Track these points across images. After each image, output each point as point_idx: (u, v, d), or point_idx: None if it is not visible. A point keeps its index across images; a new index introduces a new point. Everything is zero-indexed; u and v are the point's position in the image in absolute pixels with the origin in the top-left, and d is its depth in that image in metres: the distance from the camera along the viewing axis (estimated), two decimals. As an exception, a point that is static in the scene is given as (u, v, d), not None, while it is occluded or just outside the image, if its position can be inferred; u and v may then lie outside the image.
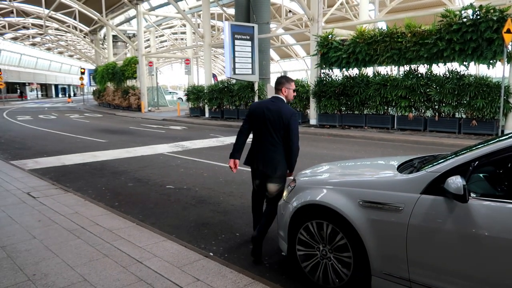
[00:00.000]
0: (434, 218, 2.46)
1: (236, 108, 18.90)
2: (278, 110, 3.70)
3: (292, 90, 3.91)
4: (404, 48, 12.21)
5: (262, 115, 3.74)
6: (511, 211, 2.27)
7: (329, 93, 14.33)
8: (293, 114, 3.71)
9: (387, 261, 2.67)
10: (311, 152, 9.65)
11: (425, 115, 12.64)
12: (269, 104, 3.77)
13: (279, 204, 3.50)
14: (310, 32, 15.46)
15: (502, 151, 2.40)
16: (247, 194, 5.84)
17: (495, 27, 10.35)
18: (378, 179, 2.92)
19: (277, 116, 3.67)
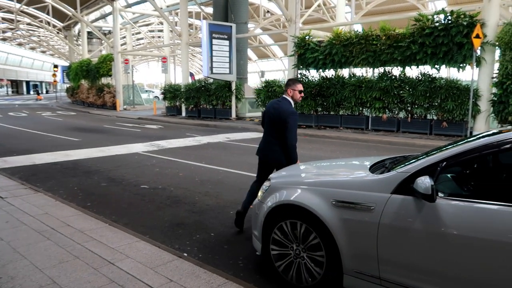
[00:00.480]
0: (404, 217, 2.53)
1: (213, 107, 18.82)
2: (279, 108, 4.13)
3: (298, 91, 4.25)
4: (379, 51, 12.46)
5: (268, 113, 4.25)
6: (477, 210, 2.36)
7: (306, 94, 14.45)
8: (291, 114, 4.07)
9: (359, 260, 2.72)
10: (287, 152, 9.71)
11: (398, 116, 12.94)
12: (275, 103, 4.27)
13: (254, 204, 3.51)
14: (287, 32, 15.56)
15: (468, 152, 2.49)
16: (223, 194, 5.84)
17: (465, 32, 10.70)
18: (351, 179, 2.97)
19: (278, 114, 4.11)
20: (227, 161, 8.50)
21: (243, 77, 19.33)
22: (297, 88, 4.24)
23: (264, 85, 16.24)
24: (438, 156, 2.57)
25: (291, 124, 4.03)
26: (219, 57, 17.06)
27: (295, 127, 4.09)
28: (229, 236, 4.20)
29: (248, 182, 6.49)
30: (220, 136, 12.88)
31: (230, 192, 5.93)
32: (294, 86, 4.23)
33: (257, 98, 16.58)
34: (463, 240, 2.32)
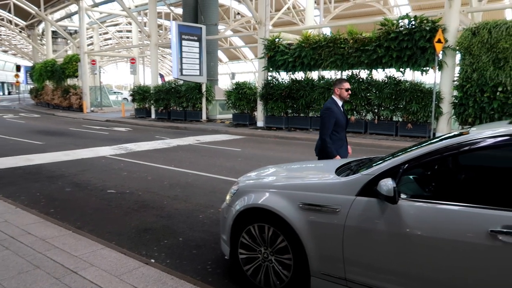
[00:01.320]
0: (368, 219, 2.58)
1: (184, 109, 18.64)
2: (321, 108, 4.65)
3: (345, 89, 4.52)
4: (347, 54, 12.72)
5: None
6: (437, 211, 2.43)
7: (276, 96, 14.57)
8: (324, 110, 4.50)
9: (325, 262, 2.75)
10: (257, 154, 9.74)
11: (366, 118, 13.24)
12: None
13: (222, 208, 3.49)
14: (257, 35, 15.62)
15: (429, 155, 2.56)
16: (192, 197, 5.78)
17: (428, 37, 11.09)
18: (317, 182, 3.00)
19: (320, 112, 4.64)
20: (197, 163, 8.43)
21: (213, 79, 19.25)
22: (343, 86, 4.51)
23: (234, 87, 16.23)
24: (400, 158, 2.64)
25: (323, 119, 4.45)
26: (189, 59, 16.91)
27: (327, 122, 4.42)
28: (198, 241, 4.16)
29: (218, 185, 6.50)
30: (190, 139, 12.76)
31: (199, 196, 5.87)
32: (341, 85, 4.51)
33: (228, 100, 16.55)
34: (425, 240, 2.39)
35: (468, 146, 2.50)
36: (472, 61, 10.42)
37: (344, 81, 4.61)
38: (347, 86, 4.56)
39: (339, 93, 4.51)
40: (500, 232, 2.12)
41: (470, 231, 2.24)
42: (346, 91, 4.53)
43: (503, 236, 2.11)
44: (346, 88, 4.53)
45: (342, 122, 4.53)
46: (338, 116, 4.45)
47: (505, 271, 2.14)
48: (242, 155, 9.64)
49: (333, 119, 4.41)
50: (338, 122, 4.45)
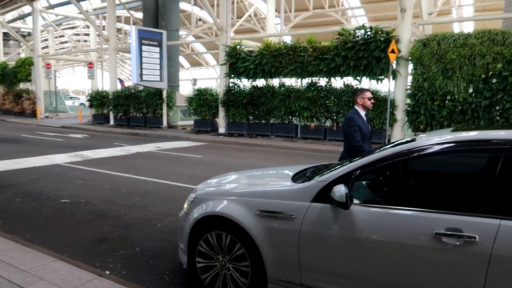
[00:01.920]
0: (322, 225, 2.65)
1: (144, 115, 18.27)
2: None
3: (367, 98, 4.52)
4: (306, 62, 13.00)
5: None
6: (387, 215, 2.54)
7: (238, 103, 14.62)
8: (345, 120, 4.55)
9: (282, 268, 2.79)
10: (219, 161, 9.72)
11: (325, 125, 13.57)
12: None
13: (180, 216, 3.46)
14: (219, 41, 15.64)
15: (380, 161, 2.67)
16: (151, 205, 5.68)
17: (382, 47, 11.57)
18: (273, 189, 3.05)
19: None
20: (157, 171, 8.29)
21: (174, 85, 19.03)
22: (366, 95, 4.50)
23: (196, 93, 16.13)
24: (352, 165, 2.73)
25: (345, 131, 4.48)
26: (149, 64, 16.63)
27: (351, 130, 4.40)
28: (155, 250, 4.09)
29: (178, 192, 6.42)
30: (150, 145, 12.52)
31: (158, 204, 5.77)
32: (363, 95, 4.51)
33: (189, 106, 16.41)
34: (377, 244, 2.48)
35: (416, 153, 2.63)
36: (423, 71, 10.97)
37: (366, 90, 4.59)
38: (370, 95, 4.53)
39: (362, 102, 4.49)
40: (444, 235, 2.24)
41: (417, 234, 2.35)
42: (368, 100, 4.51)
43: (446, 238, 2.24)
44: (368, 97, 4.50)
45: (365, 132, 4.46)
46: (360, 125, 4.40)
47: (449, 272, 2.26)
48: (203, 162, 9.58)
49: (356, 127, 4.36)
50: (361, 132, 4.40)
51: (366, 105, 4.53)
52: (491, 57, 9.93)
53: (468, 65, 10.28)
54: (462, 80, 10.40)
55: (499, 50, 9.81)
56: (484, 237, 2.14)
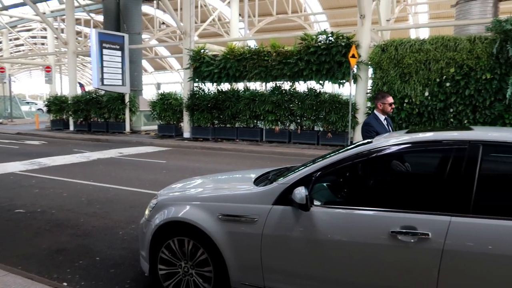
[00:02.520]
0: (284, 227, 2.67)
1: (105, 121, 17.77)
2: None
3: (388, 104, 4.39)
4: (270, 66, 13.13)
5: None
6: (346, 216, 2.60)
7: (202, 107, 14.52)
8: (362, 126, 4.48)
9: (245, 272, 2.79)
10: (183, 166, 9.60)
11: (290, 128, 13.73)
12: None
13: (141, 223, 3.38)
14: (183, 45, 15.50)
15: (338, 162, 2.73)
16: (112, 213, 5.52)
17: (343, 52, 11.87)
18: (235, 193, 3.05)
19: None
20: (119, 177, 8.07)
21: (137, 89, 18.66)
22: (386, 101, 4.38)
23: (159, 98, 15.87)
24: (313, 167, 2.78)
25: (362, 135, 4.38)
26: (110, 68, 16.22)
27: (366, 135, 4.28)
28: (116, 259, 3.97)
29: (140, 199, 6.28)
30: (112, 151, 12.18)
31: (120, 211, 5.62)
32: (384, 100, 4.39)
33: (153, 111, 16.12)
34: (337, 244, 2.54)
35: (375, 154, 2.71)
36: (382, 75, 11.35)
37: (387, 95, 4.45)
38: (391, 101, 4.39)
39: (382, 107, 4.39)
40: (399, 233, 2.32)
41: (375, 233, 2.42)
42: (389, 105, 4.39)
43: (402, 236, 2.32)
44: (389, 102, 4.38)
45: None
46: (378, 131, 4.29)
47: (405, 268, 2.34)
48: (167, 167, 9.43)
49: (372, 133, 4.24)
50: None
51: (386, 111, 4.43)
52: (444, 62, 10.42)
53: (424, 69, 10.73)
54: (418, 84, 10.84)
55: (451, 55, 10.31)
56: (437, 233, 2.24)
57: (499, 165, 2.75)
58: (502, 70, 9.78)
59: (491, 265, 2.14)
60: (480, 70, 10.01)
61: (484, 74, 9.95)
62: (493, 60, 9.87)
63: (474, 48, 10.06)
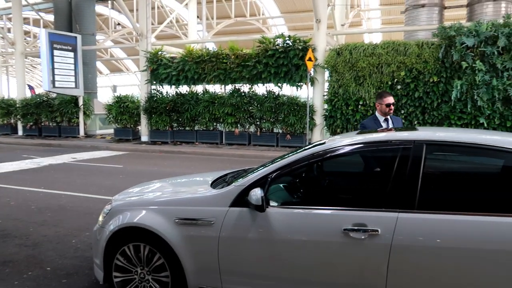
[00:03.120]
0: (241, 229, 2.69)
1: (58, 125, 17.04)
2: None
3: (385, 104, 4.21)
4: (229, 69, 13.15)
5: None
6: (301, 215, 2.66)
7: (160, 110, 14.28)
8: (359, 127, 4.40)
9: (202, 275, 2.78)
10: (141, 170, 9.39)
11: (249, 130, 13.81)
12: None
13: (94, 230, 3.28)
14: (139, 47, 15.17)
15: (293, 163, 2.78)
16: (65, 221, 5.30)
17: (301, 55, 12.12)
18: (192, 196, 3.02)
19: None
20: (72, 184, 7.76)
21: (92, 92, 18.06)
22: (383, 102, 4.20)
23: (116, 101, 15.43)
24: (268, 168, 2.81)
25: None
26: (62, 70, 15.59)
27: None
28: (69, 268, 3.82)
29: (95, 205, 6.07)
30: (65, 157, 11.69)
31: (73, 219, 5.40)
32: (381, 100, 4.23)
33: (109, 114, 15.64)
34: (292, 243, 2.58)
35: (329, 154, 2.79)
36: (338, 78, 11.68)
37: (386, 95, 4.25)
38: (388, 101, 4.18)
39: (379, 108, 4.24)
40: (351, 230, 2.41)
41: (329, 231, 2.49)
42: (386, 106, 4.18)
43: (353, 233, 2.40)
44: (386, 103, 4.17)
45: None
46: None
47: (357, 263, 2.43)
48: (124, 171, 9.18)
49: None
50: None
51: (384, 111, 4.24)
52: (395, 65, 10.90)
53: (377, 72, 11.16)
54: (372, 87, 11.26)
55: (402, 59, 10.80)
56: (385, 229, 2.34)
57: (441, 163, 2.92)
58: (448, 74, 10.38)
59: (437, 258, 2.27)
60: (427, 74, 10.56)
61: (431, 77, 10.51)
62: (439, 64, 10.45)
63: (422, 53, 10.61)
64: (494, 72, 9.86)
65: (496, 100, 9.90)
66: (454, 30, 10.11)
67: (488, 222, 2.23)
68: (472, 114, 10.25)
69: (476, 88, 9.99)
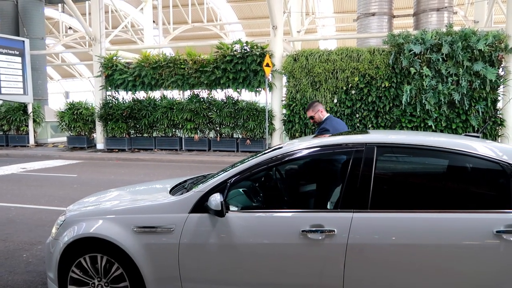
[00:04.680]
0: (201, 234, 2.69)
1: (5, 133, 16.10)
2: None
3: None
4: (187, 74, 13.06)
5: None
6: (261, 219, 2.70)
7: (117, 116, 13.89)
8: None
9: (163, 283, 2.74)
10: (97, 179, 9.08)
11: (209, 136, 13.75)
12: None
13: (47, 243, 3.15)
14: (92, 52, 14.70)
15: (251, 168, 2.82)
16: (14, 235, 5.04)
17: (258, 61, 12.26)
18: (150, 204, 2.98)
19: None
20: (22, 195, 7.37)
21: (42, 98, 17.26)
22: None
23: (68, 107, 14.83)
24: (227, 173, 2.84)
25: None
26: (9, 75, 14.78)
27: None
28: (20, 285, 3.63)
29: (48, 217, 5.82)
30: (14, 167, 11.08)
31: (23, 232, 5.14)
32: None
33: (61, 122, 14.98)
34: (252, 247, 2.61)
35: (288, 157, 2.85)
36: (295, 83, 11.93)
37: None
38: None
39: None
40: (309, 231, 2.48)
41: (288, 234, 2.55)
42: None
43: (311, 234, 2.48)
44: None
45: None
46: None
47: (316, 263, 2.50)
48: (79, 181, 8.85)
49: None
50: None
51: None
52: (349, 71, 11.30)
53: (332, 78, 11.52)
54: (328, 92, 11.60)
55: (355, 65, 11.22)
56: (341, 229, 2.44)
57: (392, 164, 3.08)
58: (398, 79, 10.90)
59: (390, 254, 2.39)
60: (379, 79, 11.04)
61: (383, 83, 10.99)
62: (390, 70, 10.96)
63: (374, 59, 11.08)
64: (440, 77, 10.49)
65: (442, 104, 10.52)
66: (403, 37, 10.66)
67: (437, 218, 2.38)
68: (421, 117, 10.82)
69: (424, 92, 10.57)
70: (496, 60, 10.25)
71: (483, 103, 10.35)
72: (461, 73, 10.25)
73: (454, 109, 10.58)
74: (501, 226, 2.24)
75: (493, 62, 10.26)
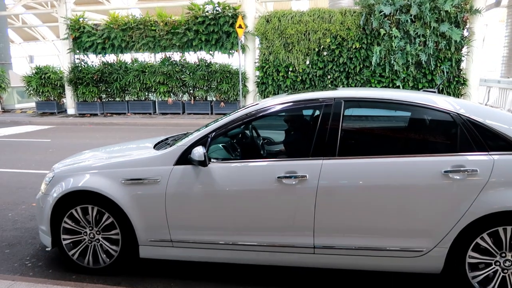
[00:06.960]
0: (186, 184, 2.93)
1: (-32, 100, 15.50)
2: None
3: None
4: (158, 36, 12.83)
5: None
6: (240, 168, 2.95)
7: (87, 80, 13.60)
8: None
9: (151, 230, 2.99)
10: (72, 143, 9.07)
11: (183, 99, 13.75)
12: None
13: (37, 198, 3.31)
14: (57, 13, 14.11)
15: (230, 123, 3.04)
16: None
17: (231, 22, 12.17)
18: (137, 158, 3.18)
19: None
20: (-3, 160, 7.34)
21: (5, 63, 16.60)
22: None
23: (35, 72, 14.35)
24: (208, 128, 3.05)
25: None
26: (-32, 39, 14.05)
27: None
28: (10, 240, 3.81)
29: (28, 179, 5.91)
30: (-17, 134, 10.84)
31: (5, 194, 5.23)
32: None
33: (28, 87, 14.53)
34: (234, 194, 2.88)
35: (263, 112, 3.07)
36: (268, 45, 11.98)
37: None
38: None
39: None
40: (284, 177, 2.75)
41: (265, 180, 2.82)
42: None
43: (286, 179, 2.75)
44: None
45: None
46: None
47: (290, 206, 2.79)
48: (53, 145, 8.82)
49: None
50: None
51: None
52: (321, 32, 11.43)
53: (304, 39, 11.63)
54: (300, 53, 11.74)
55: (327, 26, 11.35)
56: (312, 174, 2.72)
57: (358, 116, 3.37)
58: (368, 40, 11.15)
59: (354, 195, 2.70)
60: (350, 40, 11.25)
61: (354, 44, 11.22)
62: (360, 31, 11.17)
63: (345, 20, 11.23)
64: (408, 38, 10.80)
65: (409, 65, 10.91)
66: (373, -2, 10.80)
67: (396, 162, 2.69)
68: (390, 78, 11.21)
69: (393, 53, 10.90)
70: (461, 21, 10.62)
71: (448, 63, 10.81)
72: (428, 34, 10.59)
73: (421, 69, 11.00)
74: (448, 167, 2.58)
75: (458, 23, 10.64)
